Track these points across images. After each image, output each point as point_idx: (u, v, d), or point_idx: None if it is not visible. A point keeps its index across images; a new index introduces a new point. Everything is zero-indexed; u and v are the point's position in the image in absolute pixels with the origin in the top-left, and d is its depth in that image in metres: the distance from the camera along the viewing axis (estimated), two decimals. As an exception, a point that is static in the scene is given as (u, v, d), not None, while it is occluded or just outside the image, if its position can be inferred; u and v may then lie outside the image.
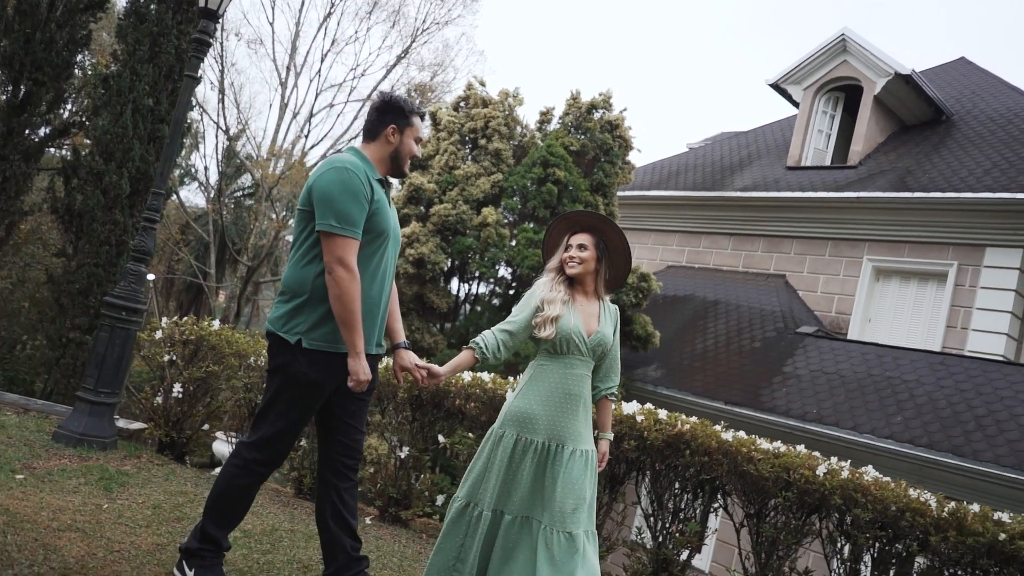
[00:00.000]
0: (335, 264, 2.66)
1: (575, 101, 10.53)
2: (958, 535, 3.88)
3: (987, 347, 9.11)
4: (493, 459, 2.98)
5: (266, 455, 2.82)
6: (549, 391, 3.02)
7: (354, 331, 2.67)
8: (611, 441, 3.55)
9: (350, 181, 2.71)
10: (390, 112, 2.91)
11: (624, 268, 3.26)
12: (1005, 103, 11.44)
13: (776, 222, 11.47)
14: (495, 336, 3.04)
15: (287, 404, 2.78)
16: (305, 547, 3.77)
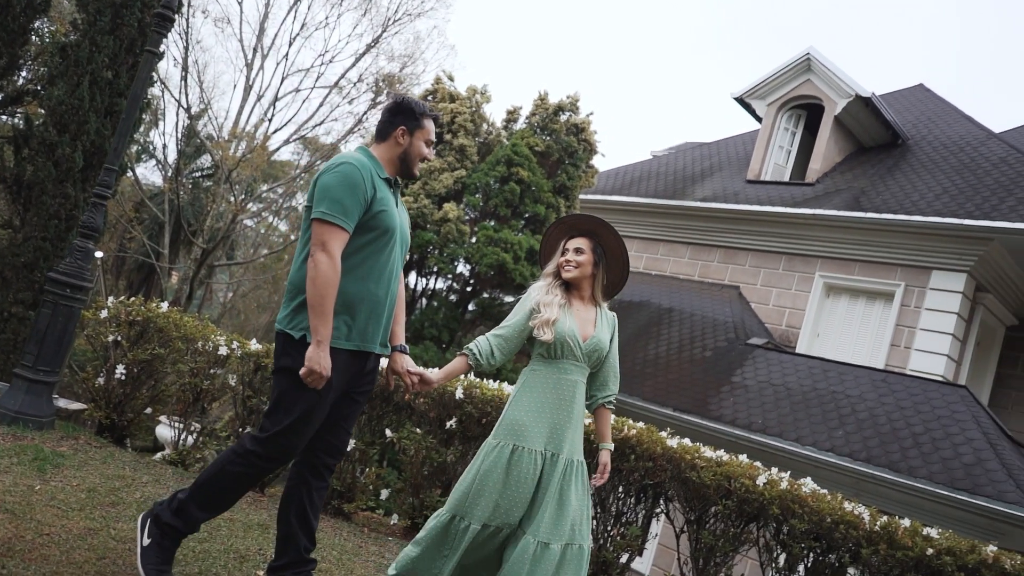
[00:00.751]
0: (317, 248, 2.64)
1: (542, 102, 10.56)
2: (888, 548, 4.00)
3: (928, 367, 9.37)
4: (490, 472, 2.87)
5: (268, 451, 2.72)
6: (543, 396, 2.96)
7: (320, 317, 2.60)
8: (612, 451, 3.45)
9: (350, 174, 2.70)
10: (401, 114, 2.91)
11: (622, 274, 3.21)
12: (959, 131, 11.77)
13: (733, 234, 11.65)
14: (489, 342, 2.99)
15: (292, 400, 2.71)
16: (243, 537, 3.72)
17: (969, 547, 3.97)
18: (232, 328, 22.03)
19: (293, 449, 2.75)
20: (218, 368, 5.21)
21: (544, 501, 2.87)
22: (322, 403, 2.73)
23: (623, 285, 3.25)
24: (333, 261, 2.63)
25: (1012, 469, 7.12)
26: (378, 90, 17.19)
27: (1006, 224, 8.97)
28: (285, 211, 23.37)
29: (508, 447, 2.89)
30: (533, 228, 10.12)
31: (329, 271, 2.61)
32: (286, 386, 2.71)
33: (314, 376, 2.62)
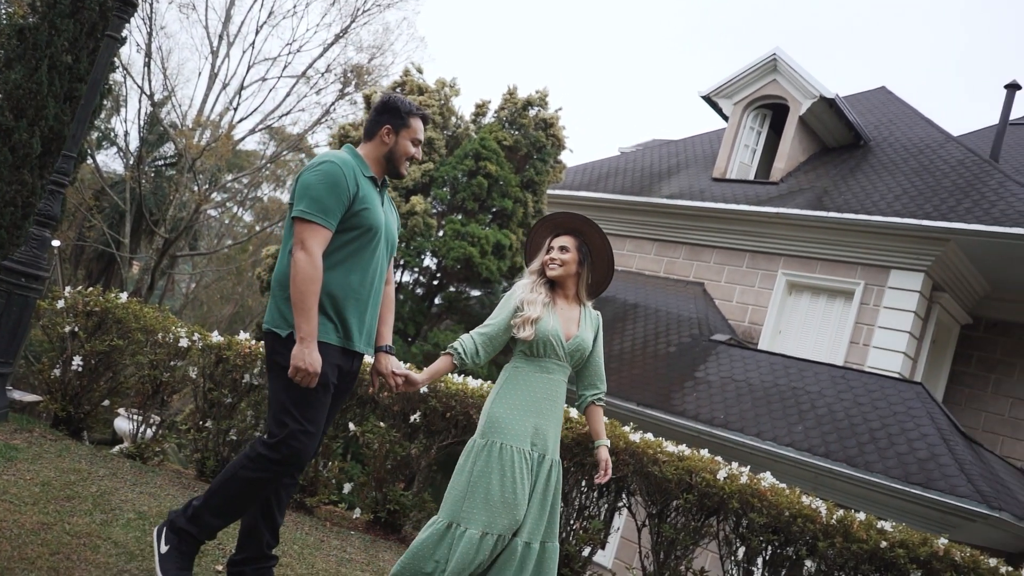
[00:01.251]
0: (297, 247, 2.63)
1: (511, 96, 10.55)
2: (844, 541, 4.07)
3: (885, 364, 9.56)
4: (482, 474, 2.83)
5: (280, 455, 2.65)
6: (526, 395, 2.94)
7: (303, 315, 2.58)
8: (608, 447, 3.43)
9: (332, 172, 2.68)
10: (387, 112, 2.89)
11: (607, 273, 3.19)
12: (918, 133, 12.01)
13: (699, 231, 11.76)
14: (473, 340, 2.96)
15: (292, 400, 2.66)
16: (202, 531, 3.67)
17: (921, 540, 4.07)
18: (195, 319, 21.73)
19: (306, 450, 2.68)
20: (179, 360, 5.14)
21: (537, 504, 2.88)
22: (324, 398, 2.69)
23: (608, 284, 3.24)
24: (312, 259, 2.61)
25: (964, 464, 7.31)
26: (346, 81, 17.03)
27: (962, 225, 9.18)
28: (250, 201, 23.09)
29: (496, 445, 2.86)
30: (500, 222, 10.12)
31: (308, 269, 2.59)
32: (283, 386, 2.67)
33: (302, 374, 2.58)
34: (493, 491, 2.80)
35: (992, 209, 9.30)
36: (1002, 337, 10.56)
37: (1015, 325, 10.46)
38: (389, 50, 20.98)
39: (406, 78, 10.49)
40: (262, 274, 9.87)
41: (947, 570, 3.96)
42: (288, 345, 2.64)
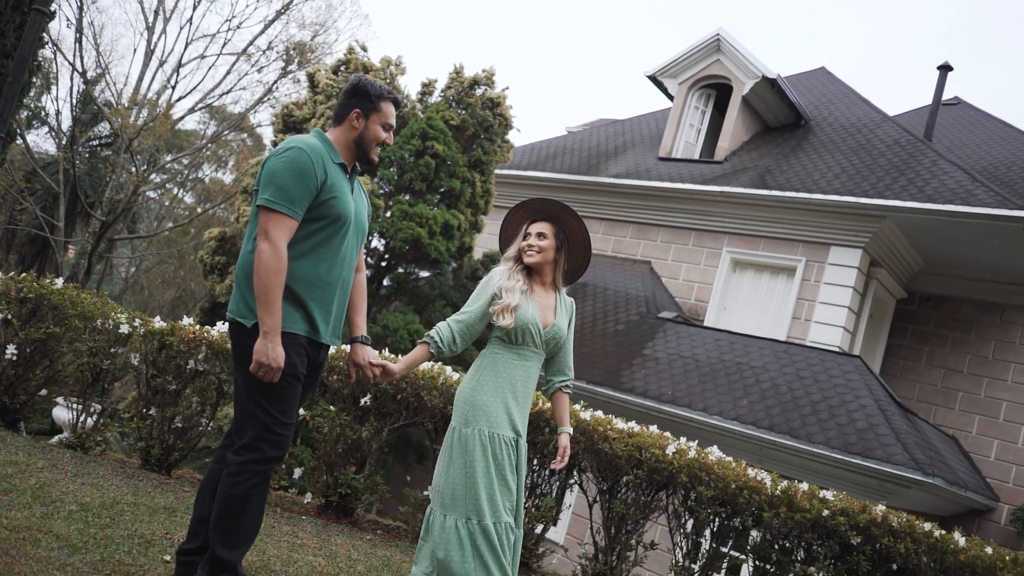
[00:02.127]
0: (261, 236, 2.55)
1: (458, 75, 10.46)
2: (788, 511, 4.20)
3: (826, 338, 9.84)
4: (475, 463, 2.80)
5: (259, 452, 2.58)
6: (506, 382, 2.92)
7: (266, 308, 2.50)
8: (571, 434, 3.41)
9: (298, 159, 2.60)
10: (356, 96, 2.79)
11: (583, 259, 3.17)
12: (856, 113, 12.30)
13: (645, 210, 11.88)
14: (450, 328, 2.92)
15: (263, 392, 2.58)
16: (148, 521, 3.60)
17: (860, 507, 4.22)
18: (135, 304, 21.16)
19: (286, 439, 2.62)
20: (119, 347, 5.00)
21: (520, 490, 2.92)
22: (295, 389, 2.62)
23: (584, 270, 3.22)
24: (276, 250, 2.53)
25: (900, 433, 7.58)
26: (288, 59, 16.66)
27: (898, 203, 9.46)
28: (191, 183, 22.50)
29: (484, 433, 2.84)
30: (448, 203, 10.06)
31: (272, 260, 2.52)
32: (249, 377, 2.58)
33: (264, 369, 2.51)
34: (490, 479, 2.80)
35: (926, 187, 9.60)
36: (935, 311, 10.95)
37: (947, 299, 10.86)
38: (332, 27, 20.57)
39: (350, 56, 10.31)
40: (205, 257, 9.65)
41: (885, 535, 4.11)
42: (254, 335, 2.57)
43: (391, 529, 4.91)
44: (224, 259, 9.54)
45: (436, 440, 4.87)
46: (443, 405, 4.66)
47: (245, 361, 2.59)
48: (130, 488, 4.16)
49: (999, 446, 9.93)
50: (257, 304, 2.53)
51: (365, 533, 4.60)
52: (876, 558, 4.18)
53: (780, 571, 4.34)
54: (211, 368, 4.88)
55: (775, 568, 4.37)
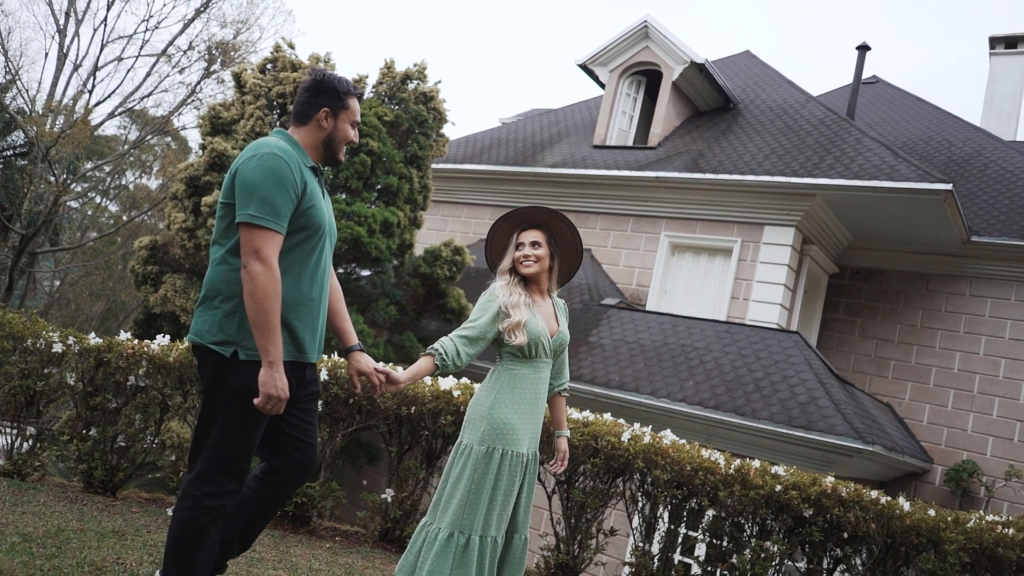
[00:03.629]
0: (251, 258, 2.36)
1: (389, 70, 10.33)
2: (742, 489, 4.29)
3: (764, 316, 10.09)
4: (482, 481, 2.78)
5: (218, 485, 2.46)
6: (524, 398, 2.90)
7: (268, 336, 2.35)
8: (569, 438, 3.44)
9: (277, 168, 2.42)
10: (323, 93, 2.62)
11: (576, 262, 3.15)
12: (782, 95, 12.61)
13: (583, 198, 11.97)
14: (454, 343, 2.84)
15: (233, 424, 2.44)
16: (97, 547, 3.46)
17: (811, 480, 4.34)
18: (62, 319, 20.35)
19: (243, 474, 2.52)
20: (53, 367, 4.80)
21: (529, 501, 2.94)
22: (261, 419, 2.49)
23: (575, 272, 3.21)
24: (271, 271, 2.37)
25: (840, 405, 7.83)
26: (211, 59, 16.19)
27: (826, 181, 9.75)
28: (115, 190, 21.72)
29: (498, 452, 2.82)
30: (386, 200, 9.93)
31: (268, 283, 2.36)
32: (216, 408, 2.46)
33: (272, 402, 2.38)
34: (491, 498, 2.79)
35: (852, 164, 9.91)
36: (865, 284, 11.34)
37: (876, 271, 11.25)
38: (256, 25, 20.07)
39: (277, 54, 10.07)
40: (136, 267, 9.34)
41: (835, 506, 4.24)
42: (232, 366, 2.42)
43: (349, 535, 4.84)
44: (157, 268, 9.24)
45: (390, 442, 4.82)
46: (396, 407, 4.61)
47: (217, 392, 2.46)
48: (74, 513, 4.00)
49: (930, 410, 10.36)
50: (256, 332, 2.36)
51: (324, 541, 4.53)
52: (827, 528, 4.31)
53: (738, 547, 4.44)
54: (153, 383, 4.72)
55: (732, 544, 4.47)
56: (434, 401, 4.60)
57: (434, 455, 4.82)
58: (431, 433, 4.72)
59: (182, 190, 8.98)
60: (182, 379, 4.69)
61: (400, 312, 9.89)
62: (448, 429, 4.65)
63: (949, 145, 12.63)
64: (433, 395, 4.62)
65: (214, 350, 2.45)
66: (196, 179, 8.93)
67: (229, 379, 2.43)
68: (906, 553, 4.33)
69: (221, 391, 2.45)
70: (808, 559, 4.47)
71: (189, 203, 8.95)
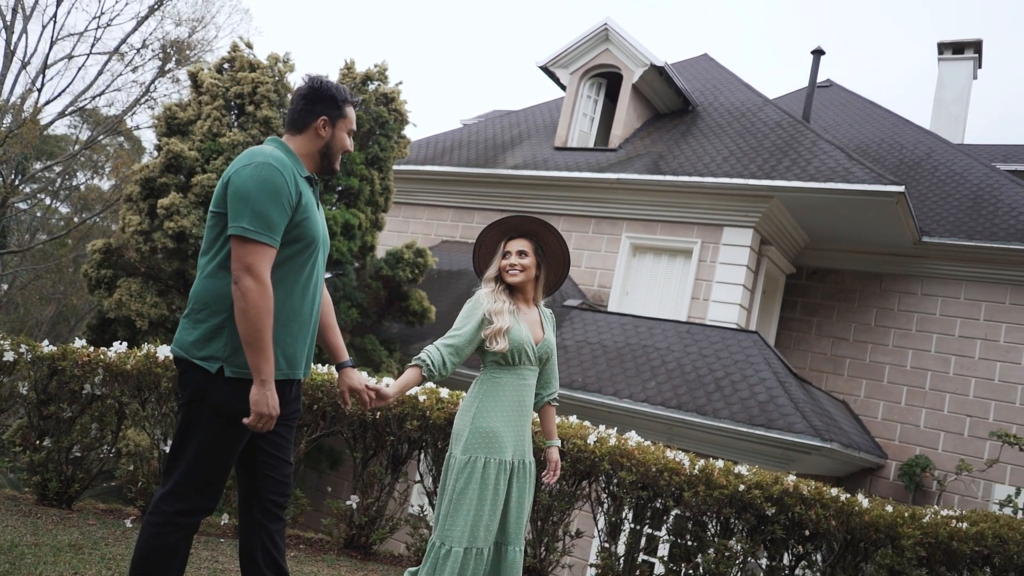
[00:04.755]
0: (243, 273, 2.29)
1: (349, 71, 10.24)
2: (707, 489, 4.35)
3: (724, 316, 10.23)
4: (464, 491, 2.78)
5: (191, 503, 2.39)
6: (508, 406, 2.90)
7: (260, 354, 2.29)
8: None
9: (272, 179, 2.35)
10: (320, 102, 2.56)
11: (562, 272, 3.17)
12: (740, 98, 12.80)
13: (545, 200, 12.00)
14: (440, 351, 2.83)
15: (212, 442, 2.38)
16: (53, 562, 3.37)
17: (773, 479, 4.41)
18: (10, 324, 19.77)
19: (217, 493, 2.45)
20: (4, 376, 4.66)
21: (521, 511, 2.90)
22: (240, 437, 2.44)
23: (562, 283, 3.22)
24: (263, 287, 2.31)
25: (799, 403, 7.98)
26: (166, 57, 15.88)
27: (783, 183, 9.92)
28: (65, 191, 21.16)
29: (480, 461, 2.82)
30: (347, 202, 9.85)
31: (260, 299, 2.30)
32: (195, 424, 2.38)
33: (264, 420, 2.33)
34: (475, 508, 2.78)
35: (808, 167, 10.10)
36: (821, 283, 11.57)
37: (831, 271, 11.49)
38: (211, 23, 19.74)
39: (235, 53, 9.91)
40: (89, 271, 9.11)
41: (797, 504, 4.32)
42: (216, 382, 2.37)
43: (314, 542, 4.79)
44: (111, 272, 9.03)
45: (355, 447, 4.78)
46: (361, 412, 4.57)
47: (197, 409, 2.39)
48: (28, 527, 3.89)
49: (884, 407, 10.61)
50: (248, 350, 2.30)
51: (288, 550, 4.46)
52: (789, 526, 4.38)
53: (702, 547, 4.49)
54: (109, 391, 4.61)
55: (696, 543, 4.52)
56: (399, 406, 4.57)
57: (399, 460, 4.79)
58: (396, 438, 4.69)
59: (137, 192, 8.79)
60: (140, 387, 4.59)
61: (362, 315, 9.81)
62: (414, 434, 4.63)
63: (901, 148, 12.94)
64: (398, 400, 4.59)
65: (199, 365, 2.38)
66: (151, 181, 8.75)
67: (212, 396, 2.37)
68: (865, 549, 4.43)
69: (202, 407, 2.39)
70: (770, 557, 4.54)
71: (144, 205, 8.76)
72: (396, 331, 10.57)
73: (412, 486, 5.22)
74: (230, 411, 2.37)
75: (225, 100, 9.59)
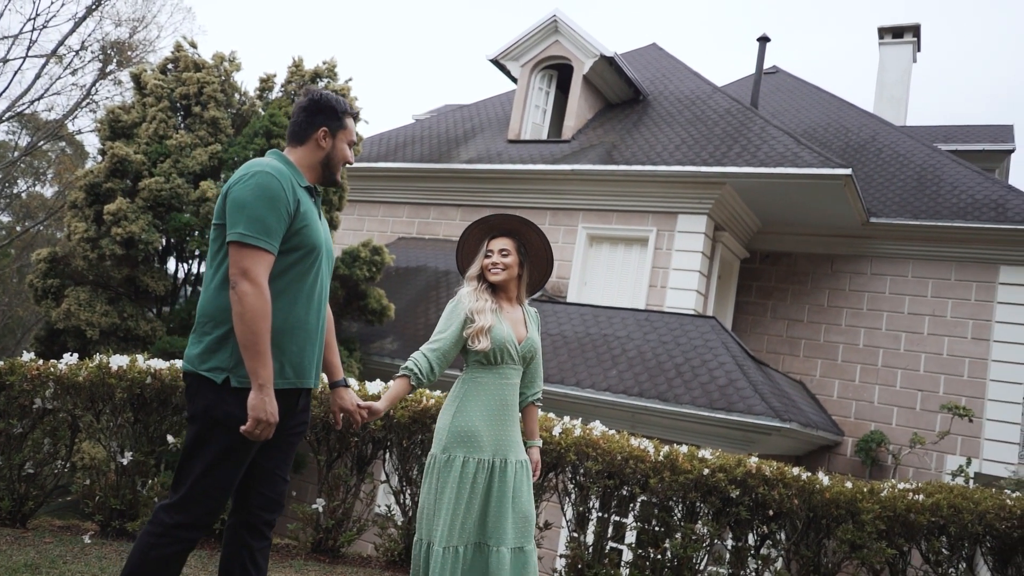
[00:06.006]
0: (239, 277, 2.30)
1: (298, 69, 10.10)
2: (672, 475, 4.40)
3: (681, 303, 10.35)
4: (443, 488, 2.79)
5: (193, 516, 2.35)
6: (488, 404, 2.88)
7: (257, 358, 2.28)
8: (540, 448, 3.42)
9: (269, 186, 2.37)
10: (321, 113, 2.60)
11: (546, 271, 3.15)
12: (689, 86, 12.94)
13: (500, 193, 11.99)
14: (426, 357, 2.84)
15: (217, 455, 2.34)
16: (11, 582, 3.27)
17: (736, 462, 4.48)
18: (-48, 339, 19.12)
19: (220, 508, 2.41)
20: (-51, 393, 4.49)
21: (503, 509, 2.85)
22: (248, 451, 2.40)
23: (546, 282, 3.21)
24: (260, 290, 2.31)
25: (758, 385, 8.11)
26: (107, 59, 15.46)
27: (734, 169, 10.06)
28: (5, 200, 20.49)
29: (458, 459, 2.81)
30: (301, 202, 9.74)
31: (257, 302, 2.29)
32: (202, 437, 2.36)
33: (262, 427, 2.30)
34: (453, 506, 2.78)
35: (758, 152, 10.25)
36: (774, 267, 11.78)
37: (783, 255, 11.70)
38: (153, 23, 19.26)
39: (179, 54, 9.70)
40: (35, 281, 8.85)
41: (760, 485, 4.40)
42: (222, 393, 2.35)
43: (281, 548, 4.73)
44: (58, 281, 8.78)
45: (319, 450, 4.72)
46: (324, 414, 4.52)
47: (206, 420, 2.37)
48: (-19, 548, 3.77)
49: (839, 385, 10.86)
50: (245, 355, 2.29)
51: (254, 556, 4.40)
52: (753, 507, 4.46)
53: (669, 532, 4.54)
54: (62, 405, 4.49)
55: (663, 529, 4.57)
56: (362, 406, 4.53)
57: (364, 461, 4.75)
58: (360, 439, 4.65)
59: (82, 198, 8.55)
60: (93, 398, 4.47)
61: (320, 315, 9.69)
62: (378, 434, 4.59)
63: (846, 131, 13.22)
64: (360, 399, 4.54)
65: (205, 377, 2.38)
66: (97, 186, 8.53)
67: (217, 407, 2.35)
68: (827, 525, 4.53)
69: (210, 420, 2.37)
70: (735, 538, 4.62)
71: (90, 212, 8.53)
72: (356, 330, 10.48)
73: (378, 486, 5.19)
74: (236, 422, 2.34)
75: (170, 101, 9.38)
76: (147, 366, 4.49)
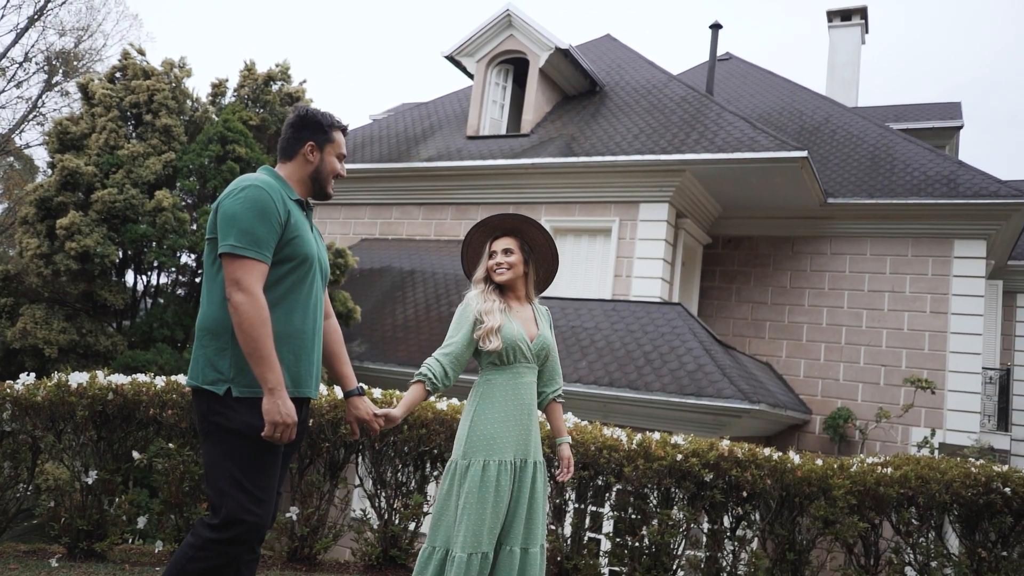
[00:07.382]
0: (233, 288, 2.32)
1: (250, 73, 9.95)
2: (646, 462, 4.42)
3: (647, 291, 10.41)
4: (469, 496, 2.75)
5: (233, 533, 2.31)
6: (506, 406, 2.86)
7: (263, 363, 2.29)
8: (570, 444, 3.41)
9: (258, 198, 2.41)
10: (307, 128, 2.64)
11: (552, 266, 3.14)
12: (645, 76, 13.00)
13: (461, 190, 11.95)
14: (439, 362, 2.82)
15: (245, 465, 2.32)
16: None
17: (709, 446, 4.52)
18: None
19: (263, 521, 2.37)
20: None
21: (518, 509, 2.84)
22: (276, 460, 2.38)
23: (553, 278, 3.19)
24: (254, 298, 2.33)
25: (726, 369, 8.20)
26: (52, 70, 15.08)
27: (693, 156, 10.14)
28: (-48, 218, 19.92)
29: (479, 463, 2.78)
30: (260, 207, 9.61)
31: (253, 310, 2.31)
32: (223, 451, 2.34)
33: (281, 429, 2.29)
34: (477, 512, 2.75)
35: (715, 139, 10.35)
36: (736, 251, 11.91)
37: (744, 239, 11.83)
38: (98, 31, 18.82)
39: (127, 61, 9.50)
40: (-13, 301, 8.61)
41: (733, 467, 4.44)
42: (227, 405, 2.34)
43: (256, 559, 4.66)
44: (12, 300, 8.55)
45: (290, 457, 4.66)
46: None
47: (220, 435, 2.35)
48: (-56, 578, 3.65)
49: (805, 365, 11.02)
50: (251, 361, 2.31)
51: (229, 569, 4.33)
52: (727, 489, 4.50)
53: (645, 519, 4.56)
54: (21, 426, 4.37)
55: (639, 516, 4.59)
56: (332, 411, 4.48)
57: (337, 466, 4.71)
58: (332, 444, 4.60)
59: (33, 213, 8.34)
60: (54, 418, 4.36)
61: (285, 321, 9.58)
62: (349, 438, 4.54)
63: (800, 114, 13.40)
64: (331, 405, 4.50)
65: (208, 390, 2.40)
66: (48, 200, 8.32)
67: (227, 419, 2.35)
68: (800, 503, 4.58)
69: (220, 432, 2.37)
70: (711, 521, 4.66)
71: (43, 227, 8.32)
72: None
73: (352, 491, 5.14)
74: (248, 431, 2.34)
75: (120, 111, 9.18)
76: (108, 382, 4.40)
